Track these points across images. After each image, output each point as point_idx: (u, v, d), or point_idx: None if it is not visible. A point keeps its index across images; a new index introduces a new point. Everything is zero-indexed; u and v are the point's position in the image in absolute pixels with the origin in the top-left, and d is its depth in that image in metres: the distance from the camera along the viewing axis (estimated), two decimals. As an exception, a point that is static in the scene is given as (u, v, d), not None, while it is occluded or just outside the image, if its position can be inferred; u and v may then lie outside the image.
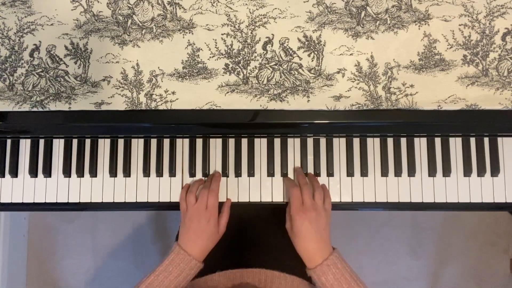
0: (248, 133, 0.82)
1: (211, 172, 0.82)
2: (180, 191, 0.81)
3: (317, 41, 0.75)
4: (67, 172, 0.82)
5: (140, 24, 0.76)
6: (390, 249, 1.63)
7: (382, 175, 0.81)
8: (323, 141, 0.82)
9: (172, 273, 0.72)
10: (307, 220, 0.73)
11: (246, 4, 0.76)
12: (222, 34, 0.76)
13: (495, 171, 0.80)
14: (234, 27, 0.76)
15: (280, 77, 0.75)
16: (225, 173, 0.82)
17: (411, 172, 0.80)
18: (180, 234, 0.78)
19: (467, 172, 0.80)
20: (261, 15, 0.76)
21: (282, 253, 0.74)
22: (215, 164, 0.82)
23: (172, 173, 0.81)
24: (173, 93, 0.75)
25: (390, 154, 0.81)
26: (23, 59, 0.76)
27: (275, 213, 0.88)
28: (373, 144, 0.81)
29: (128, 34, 0.76)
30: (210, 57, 0.75)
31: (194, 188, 0.79)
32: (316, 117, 0.74)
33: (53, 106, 0.75)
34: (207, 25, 0.76)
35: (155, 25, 0.76)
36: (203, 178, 0.82)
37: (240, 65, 0.75)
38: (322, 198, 0.76)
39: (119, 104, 0.75)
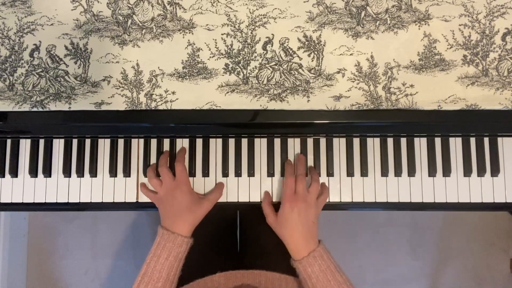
0: (248, 133, 0.82)
1: (211, 172, 0.82)
2: (147, 195, 0.80)
3: (317, 41, 0.75)
4: (67, 172, 0.82)
5: (140, 24, 0.76)
6: (390, 249, 1.63)
7: (382, 175, 0.81)
8: (323, 141, 0.82)
9: (161, 256, 0.71)
10: (296, 210, 0.73)
11: (246, 4, 0.76)
12: (222, 34, 0.76)
13: (495, 171, 0.80)
14: (234, 27, 0.76)
15: (280, 77, 0.75)
16: (225, 173, 0.81)
17: (411, 172, 0.80)
18: (161, 217, 0.77)
19: (467, 172, 0.80)
20: (261, 15, 0.76)
21: (283, 255, 0.74)
22: (215, 164, 0.82)
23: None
24: (173, 93, 0.75)
25: (390, 154, 0.81)
26: (23, 59, 0.76)
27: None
28: (373, 144, 0.81)
29: (128, 34, 0.76)
30: (210, 57, 0.75)
31: (152, 173, 0.79)
32: (316, 117, 0.74)
33: (53, 106, 0.75)
34: (207, 25, 0.76)
35: (155, 25, 0.76)
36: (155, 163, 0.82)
37: (240, 65, 0.75)
38: (317, 192, 0.77)
39: (119, 104, 0.75)
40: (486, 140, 0.81)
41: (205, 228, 0.79)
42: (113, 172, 0.82)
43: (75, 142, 0.83)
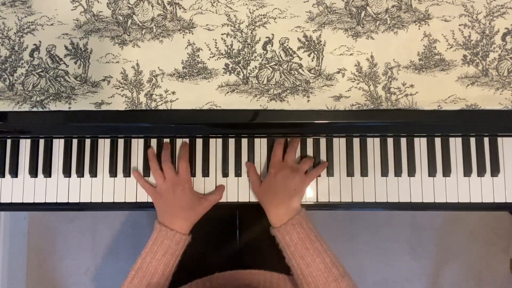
0: (248, 133, 0.82)
1: (211, 172, 0.82)
2: (144, 186, 0.80)
3: (317, 41, 0.75)
4: (67, 172, 0.82)
5: (140, 24, 0.76)
6: (390, 249, 1.62)
7: (382, 175, 0.81)
8: (323, 141, 0.82)
9: (158, 253, 0.71)
10: (280, 175, 0.73)
11: (246, 4, 0.76)
12: (222, 34, 0.76)
13: (495, 171, 0.80)
14: (234, 27, 0.76)
15: (280, 77, 0.75)
16: (225, 173, 0.81)
17: (411, 172, 0.80)
18: (158, 212, 0.76)
19: (467, 172, 0.80)
20: (261, 15, 0.76)
21: (281, 254, 0.74)
22: (215, 164, 0.82)
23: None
24: (173, 93, 0.75)
25: (390, 154, 0.81)
26: (23, 59, 0.76)
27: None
28: (373, 144, 0.81)
29: (128, 34, 0.76)
30: (210, 57, 0.75)
31: (155, 165, 0.78)
32: (316, 117, 0.74)
33: (53, 106, 0.75)
34: (207, 25, 0.76)
35: (155, 25, 0.76)
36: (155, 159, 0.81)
37: (240, 65, 0.75)
38: (307, 167, 0.77)
39: (119, 104, 0.75)
40: (486, 140, 0.81)
41: (205, 228, 0.79)
42: (113, 172, 0.82)
43: (75, 142, 0.83)
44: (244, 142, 0.82)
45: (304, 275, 0.68)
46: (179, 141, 0.83)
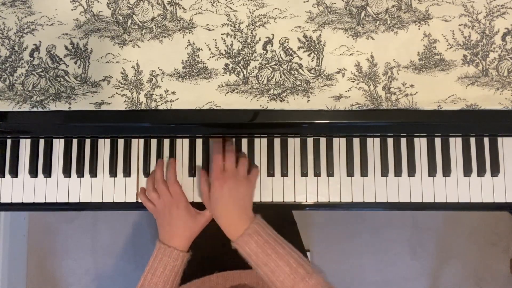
0: (248, 133, 0.82)
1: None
2: (146, 205, 0.80)
3: (317, 41, 0.75)
4: (67, 172, 0.82)
5: (140, 24, 0.76)
6: (390, 249, 1.63)
7: (382, 175, 0.81)
8: (323, 141, 0.82)
9: (157, 270, 0.72)
10: (226, 187, 0.72)
11: (246, 4, 0.76)
12: (222, 34, 0.76)
13: (495, 171, 0.80)
14: (234, 27, 0.76)
15: (280, 77, 0.75)
16: (225, 173, 0.81)
17: (411, 172, 0.80)
18: (158, 230, 0.78)
19: (467, 172, 0.80)
20: (261, 15, 0.76)
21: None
22: (215, 164, 0.82)
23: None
24: (173, 93, 0.75)
25: (390, 154, 0.81)
26: (23, 59, 0.76)
27: (275, 213, 0.88)
28: (373, 144, 0.81)
29: (128, 34, 0.76)
30: (210, 57, 0.75)
31: (151, 185, 0.79)
32: (316, 117, 0.74)
33: (53, 106, 0.75)
34: (207, 25, 0.76)
35: (155, 25, 0.76)
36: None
37: (240, 65, 0.75)
38: (246, 167, 0.76)
39: (119, 104, 0.75)
40: (486, 140, 0.81)
41: (204, 228, 0.79)
42: (113, 172, 0.82)
43: (75, 142, 0.83)
44: (244, 142, 0.82)
45: (272, 282, 0.67)
46: (179, 141, 0.83)
